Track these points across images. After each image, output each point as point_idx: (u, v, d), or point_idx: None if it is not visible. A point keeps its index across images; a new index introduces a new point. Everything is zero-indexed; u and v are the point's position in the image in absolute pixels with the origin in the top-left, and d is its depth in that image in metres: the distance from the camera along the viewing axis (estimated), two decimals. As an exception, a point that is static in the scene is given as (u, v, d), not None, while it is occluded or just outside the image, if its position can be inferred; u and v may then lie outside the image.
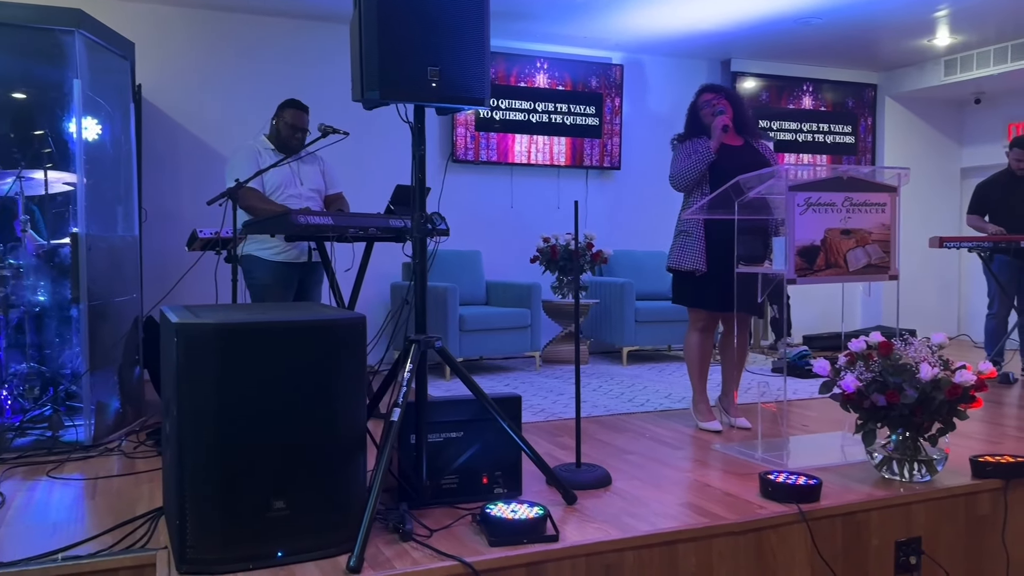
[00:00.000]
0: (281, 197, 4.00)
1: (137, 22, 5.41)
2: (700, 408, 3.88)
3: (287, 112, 4.13)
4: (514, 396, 2.79)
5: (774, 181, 3.21)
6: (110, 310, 3.84)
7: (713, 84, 3.98)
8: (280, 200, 4.01)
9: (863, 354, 2.94)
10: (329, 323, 2.25)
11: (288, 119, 4.11)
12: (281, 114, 4.12)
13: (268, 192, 4.01)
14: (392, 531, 2.37)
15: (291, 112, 4.12)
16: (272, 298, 3.93)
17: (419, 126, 2.56)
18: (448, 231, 3.82)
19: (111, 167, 3.92)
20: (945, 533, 2.81)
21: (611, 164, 6.83)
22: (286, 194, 4.05)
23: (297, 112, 4.12)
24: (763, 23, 6.18)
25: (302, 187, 4.12)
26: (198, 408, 2.11)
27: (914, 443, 2.89)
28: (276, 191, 4.03)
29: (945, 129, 8.15)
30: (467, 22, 2.44)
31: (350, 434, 2.27)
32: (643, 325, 6.06)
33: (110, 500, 2.83)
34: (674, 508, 2.64)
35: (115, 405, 3.83)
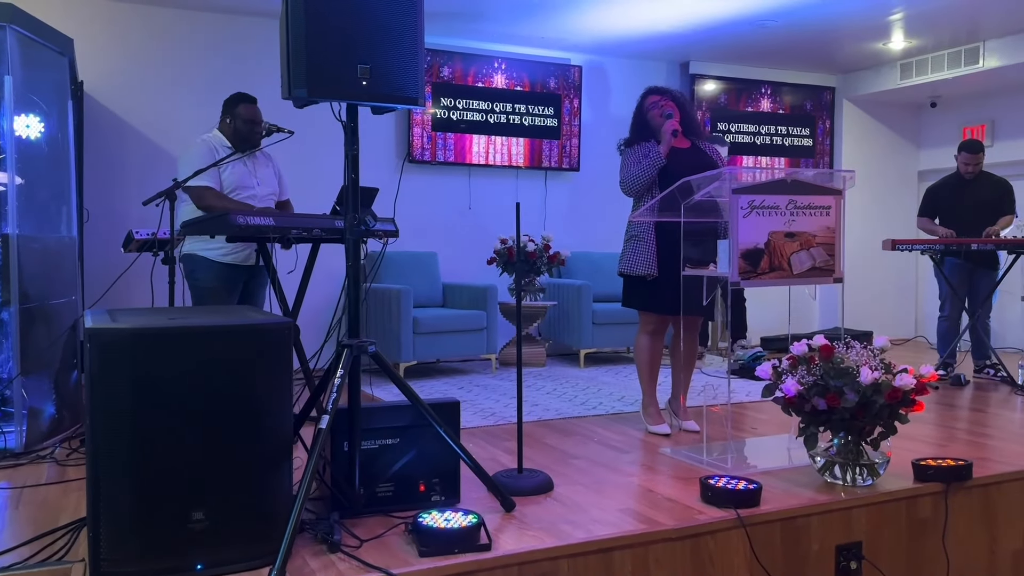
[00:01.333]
0: (240, 197, 3.87)
1: (78, 18, 5.27)
2: (649, 411, 3.85)
3: (241, 108, 3.98)
4: (452, 401, 2.74)
5: (719, 183, 3.19)
6: (46, 312, 3.73)
7: (658, 87, 3.95)
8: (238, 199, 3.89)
9: (805, 357, 2.92)
10: (252, 328, 2.18)
11: (244, 115, 3.97)
12: (234, 111, 3.97)
13: (226, 191, 3.88)
14: (320, 542, 2.31)
15: (245, 107, 3.99)
16: (215, 301, 3.80)
17: (352, 125, 2.50)
18: (397, 232, 3.75)
19: (47, 166, 3.81)
20: (886, 538, 2.80)
21: (570, 165, 6.81)
22: (245, 194, 3.93)
23: (250, 106, 4.00)
24: (720, 25, 6.19)
25: (258, 187, 4.00)
26: (112, 416, 2.04)
27: (856, 447, 2.88)
28: (234, 191, 3.89)
29: (902, 132, 8.23)
30: (400, 19, 2.38)
31: (274, 442, 2.21)
32: (601, 327, 6.04)
33: (34, 510, 2.74)
34: (613, 514, 2.60)
35: (50, 411, 3.72)
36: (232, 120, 4.00)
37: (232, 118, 4.00)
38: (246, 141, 3.97)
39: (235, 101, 4.03)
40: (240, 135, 3.96)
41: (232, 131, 3.98)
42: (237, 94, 4.04)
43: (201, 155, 3.83)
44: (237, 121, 3.98)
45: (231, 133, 3.95)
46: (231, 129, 3.96)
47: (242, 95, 4.03)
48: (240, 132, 3.96)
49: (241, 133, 3.96)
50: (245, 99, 4.02)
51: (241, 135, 3.96)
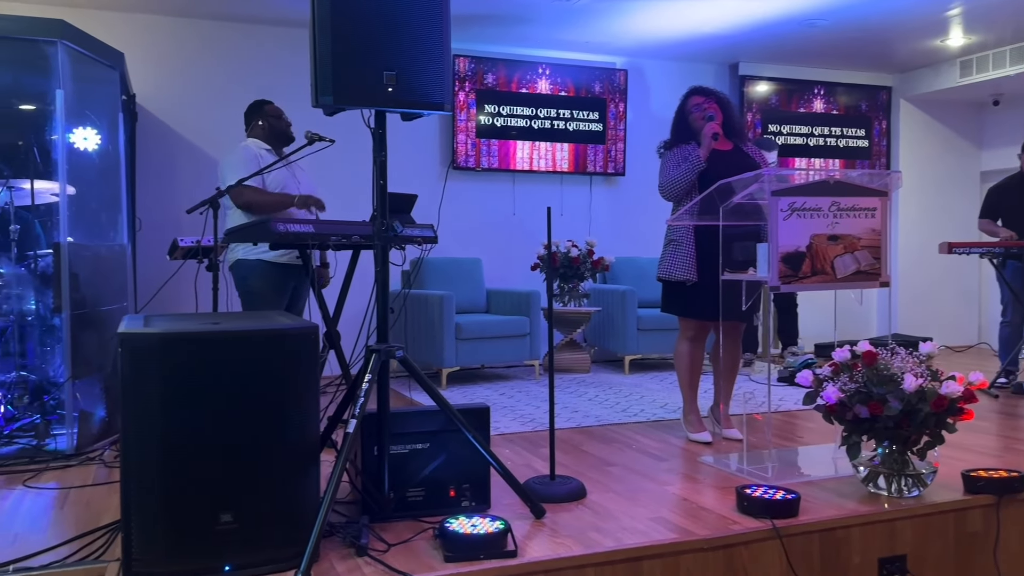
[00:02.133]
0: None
1: (130, 32, 5.44)
2: (690, 419, 3.78)
3: (267, 108, 4.14)
4: (482, 407, 2.73)
5: (758, 185, 3.12)
6: (97, 319, 3.84)
7: (701, 87, 3.89)
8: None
9: (847, 364, 2.84)
10: (279, 333, 2.21)
11: (273, 112, 4.12)
12: (262, 112, 4.11)
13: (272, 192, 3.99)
14: (348, 545, 2.32)
15: (271, 107, 4.15)
16: (265, 305, 3.89)
17: (380, 131, 2.52)
18: (436, 238, 3.77)
19: (98, 177, 3.93)
20: (933, 551, 2.69)
21: (615, 170, 6.75)
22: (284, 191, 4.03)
23: (274, 105, 4.17)
24: (768, 25, 6.08)
25: (300, 187, 4.11)
26: (143, 419, 2.08)
27: (901, 456, 2.78)
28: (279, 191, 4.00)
29: (963, 131, 7.96)
30: (425, 25, 2.39)
31: (302, 445, 2.23)
32: (646, 333, 5.97)
33: (79, 510, 2.81)
34: (644, 523, 2.56)
35: (100, 414, 3.83)
36: (264, 121, 4.11)
37: (263, 119, 4.12)
38: (284, 136, 4.10)
39: (259, 105, 4.17)
40: (277, 132, 4.10)
41: (268, 131, 4.10)
42: (257, 101, 4.19)
43: (244, 159, 3.92)
44: (270, 120, 4.11)
45: (267, 134, 4.07)
46: (266, 130, 4.08)
47: (262, 100, 4.19)
48: (276, 129, 4.10)
49: (277, 130, 4.10)
50: (265, 102, 4.18)
51: (278, 132, 4.10)
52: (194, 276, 3.74)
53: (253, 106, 4.17)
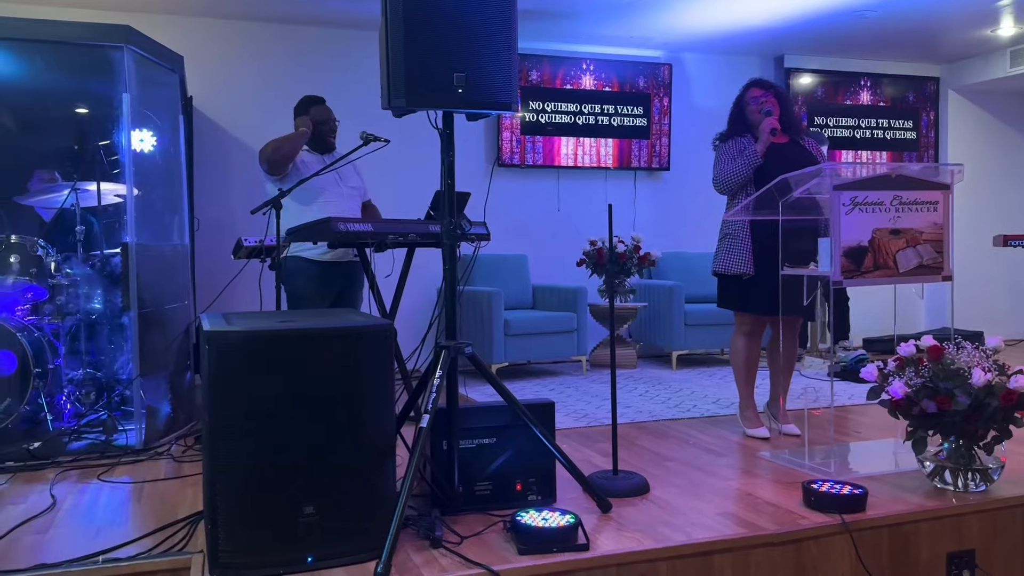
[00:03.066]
0: (321, 196, 3.98)
1: (187, 36, 5.54)
2: (747, 414, 3.78)
3: (313, 110, 4.10)
4: (547, 402, 2.77)
5: (819, 180, 3.11)
6: (161, 317, 3.94)
7: (762, 80, 3.87)
8: (323, 203, 3.98)
9: (913, 359, 2.83)
10: (356, 330, 2.26)
11: (317, 116, 4.09)
12: (307, 112, 4.09)
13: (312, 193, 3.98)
14: (422, 537, 2.37)
15: (317, 109, 4.11)
16: (307, 304, 3.92)
17: (448, 132, 2.56)
18: (489, 236, 3.81)
19: (161, 178, 4.03)
20: (1001, 546, 2.68)
21: (660, 165, 6.74)
22: (326, 192, 4.02)
23: (322, 107, 4.12)
24: (816, 17, 6.02)
25: (342, 182, 4.11)
26: (228, 414, 2.14)
27: (968, 451, 2.76)
28: (319, 193, 4.01)
29: (1014, 123, 7.81)
30: (493, 27, 2.43)
31: (378, 440, 2.28)
32: (693, 328, 5.96)
33: (155, 504, 2.90)
34: (712, 518, 2.57)
35: (166, 410, 3.93)
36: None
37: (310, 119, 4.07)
38: (323, 143, 4.09)
39: (307, 103, 4.13)
40: (316, 136, 4.06)
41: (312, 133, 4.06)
42: (306, 97, 4.15)
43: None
44: (320, 124, 4.08)
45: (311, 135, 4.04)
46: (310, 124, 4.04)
47: (313, 97, 4.14)
48: (316, 134, 4.06)
49: (318, 135, 4.07)
50: (313, 101, 4.13)
51: (317, 137, 4.07)
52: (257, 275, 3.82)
53: (301, 102, 4.15)
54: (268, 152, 3.89)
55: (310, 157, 4.05)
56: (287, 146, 3.89)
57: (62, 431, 3.71)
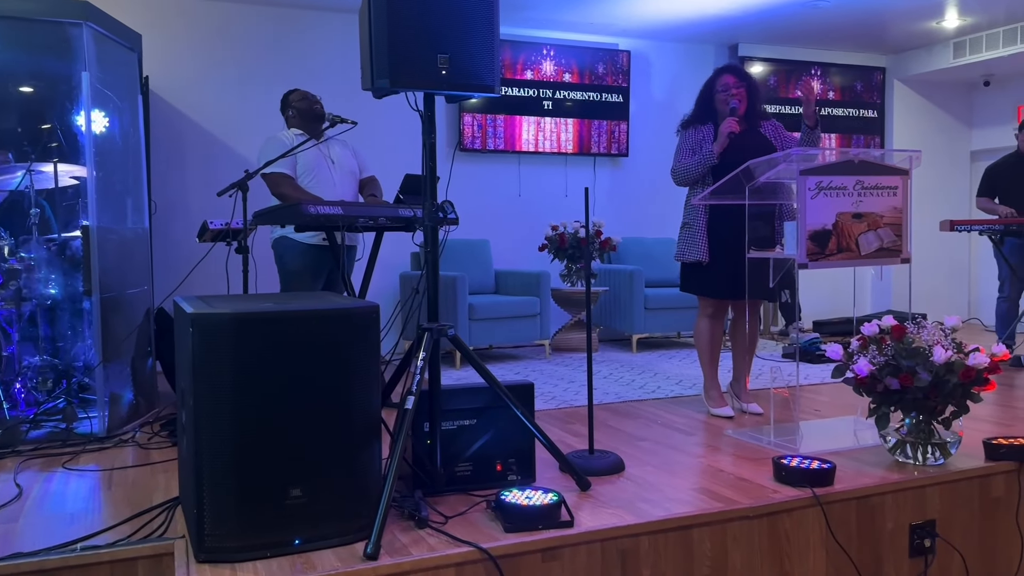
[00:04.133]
0: (313, 180, 4.00)
1: (143, 13, 5.40)
2: (711, 394, 3.88)
3: (293, 96, 4.18)
4: (527, 384, 2.80)
5: (785, 165, 3.20)
6: (122, 302, 3.86)
7: (738, 68, 3.91)
8: (312, 182, 4.01)
9: (876, 338, 2.93)
10: (343, 312, 2.26)
11: (299, 99, 4.15)
12: (289, 102, 4.17)
13: (300, 175, 4.02)
14: (408, 518, 2.38)
15: (298, 94, 4.18)
16: (300, 285, 3.94)
17: (429, 114, 2.56)
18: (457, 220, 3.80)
19: (120, 159, 3.93)
20: (959, 516, 2.81)
21: (619, 151, 6.82)
22: (318, 177, 4.05)
23: (297, 92, 4.20)
24: (771, 7, 6.14)
25: (334, 167, 4.12)
26: (215, 397, 2.12)
27: (928, 426, 2.88)
28: (308, 174, 4.03)
29: (955, 111, 8.10)
30: (476, 9, 2.43)
31: (365, 422, 2.28)
32: (653, 312, 6.06)
33: (126, 490, 2.85)
34: (688, 493, 2.64)
35: (128, 397, 3.85)
36: (293, 110, 4.15)
37: (292, 109, 4.16)
38: (317, 121, 4.12)
39: (285, 97, 4.23)
40: (307, 117, 4.12)
41: (300, 117, 4.14)
42: (284, 94, 4.25)
43: (276, 149, 3.94)
44: (300, 105, 4.13)
45: (300, 121, 4.11)
46: (297, 117, 4.12)
47: (290, 90, 4.24)
48: (306, 115, 4.12)
49: (308, 115, 4.12)
50: (293, 90, 4.22)
51: (308, 117, 4.12)
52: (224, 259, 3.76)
53: (282, 100, 4.24)
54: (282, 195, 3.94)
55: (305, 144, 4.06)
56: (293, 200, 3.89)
57: (19, 419, 3.61)
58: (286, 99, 4.20)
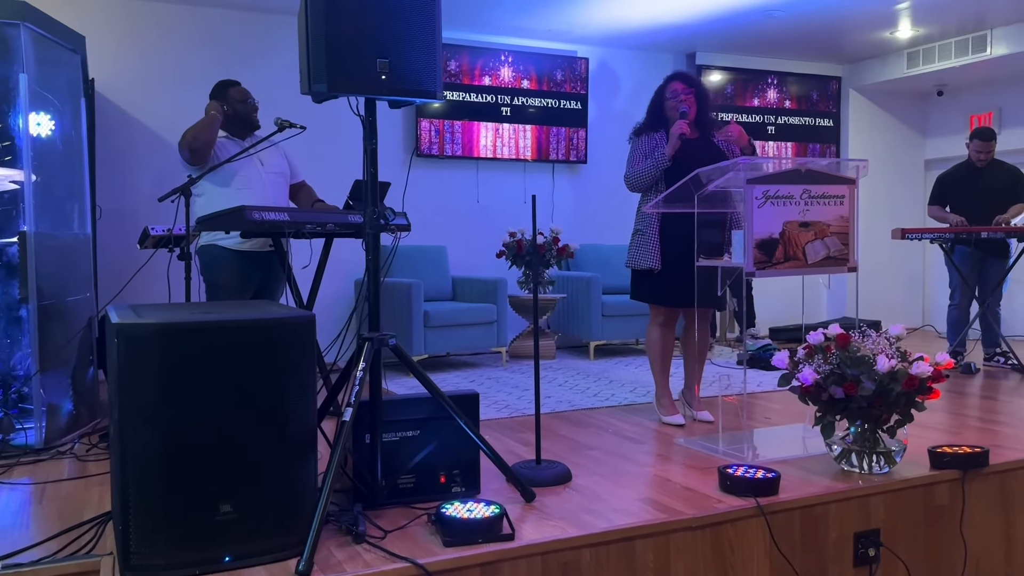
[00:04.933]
0: (242, 181, 3.84)
1: (89, 15, 5.28)
2: (663, 402, 3.87)
3: (232, 91, 3.98)
4: (472, 393, 2.76)
5: (733, 174, 3.20)
6: (62, 309, 3.75)
7: (686, 74, 3.94)
8: (241, 184, 3.85)
9: (821, 346, 2.94)
10: (276, 322, 2.20)
11: (237, 96, 3.97)
12: (226, 95, 3.96)
13: (228, 176, 3.84)
14: (345, 533, 2.33)
15: (235, 90, 3.99)
16: (228, 295, 3.80)
17: (370, 119, 2.51)
18: (409, 226, 3.77)
19: (61, 163, 3.82)
20: (904, 525, 2.82)
21: (577, 158, 6.81)
22: (247, 178, 3.88)
23: (239, 88, 4.00)
24: (727, 16, 6.18)
25: (263, 168, 3.97)
26: (140, 410, 2.05)
27: (873, 435, 2.89)
28: (237, 175, 3.86)
29: (909, 121, 8.22)
30: (417, 13, 2.39)
31: (299, 435, 2.23)
32: (610, 319, 6.05)
33: (58, 505, 2.76)
34: (633, 504, 2.62)
35: (68, 407, 3.74)
36: (228, 105, 3.96)
37: (227, 103, 3.96)
38: (248, 122, 3.98)
39: (223, 87, 4.00)
40: (240, 117, 3.96)
41: (231, 116, 3.95)
42: (221, 81, 4.02)
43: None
44: (235, 104, 3.96)
45: (229, 120, 3.94)
46: (229, 115, 3.94)
47: (227, 80, 4.02)
48: (240, 114, 3.95)
49: (241, 115, 3.96)
50: (231, 84, 4.01)
51: (241, 117, 3.96)
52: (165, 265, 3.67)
53: (217, 87, 4.01)
54: (188, 140, 3.73)
55: (228, 143, 3.91)
56: (206, 132, 3.75)
57: (-49, 431, 3.49)
58: (224, 91, 3.98)
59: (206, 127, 3.76)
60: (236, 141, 3.94)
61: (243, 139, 3.97)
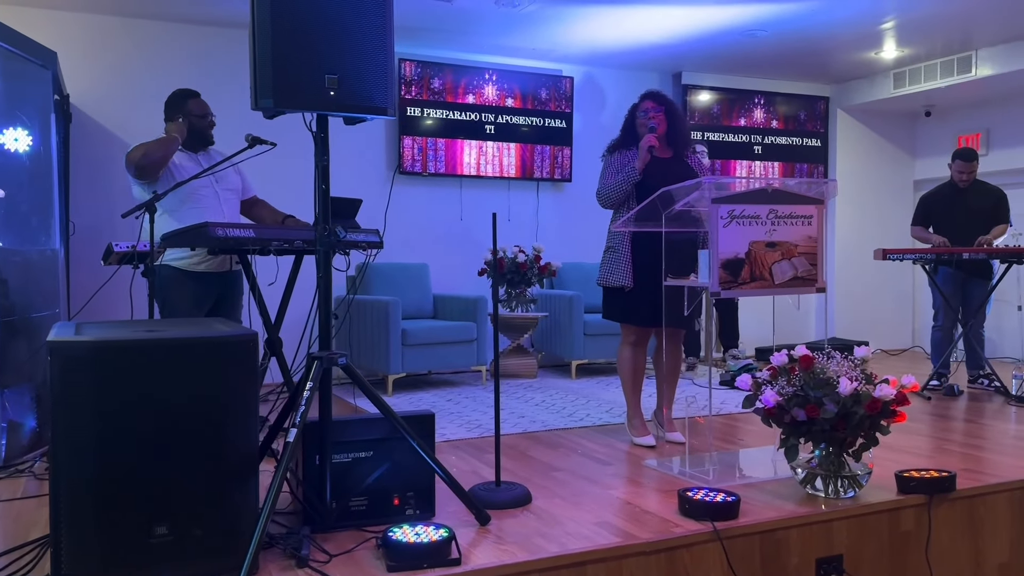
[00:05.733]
0: (196, 202, 3.75)
1: (63, 31, 5.28)
2: (634, 423, 3.82)
3: (191, 103, 3.86)
4: (427, 414, 2.71)
5: (699, 193, 3.17)
6: (28, 325, 3.71)
7: (657, 93, 3.92)
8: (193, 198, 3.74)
9: (785, 368, 2.90)
10: (217, 340, 2.16)
11: (196, 110, 3.86)
12: (185, 108, 3.85)
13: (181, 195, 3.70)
14: (288, 557, 2.28)
15: (195, 102, 3.87)
16: (180, 313, 3.70)
17: (322, 135, 2.49)
18: (381, 243, 3.72)
19: (28, 179, 3.80)
20: (868, 550, 2.76)
21: (561, 176, 6.79)
22: (198, 193, 3.77)
23: (199, 100, 3.89)
24: (711, 35, 6.18)
25: (217, 185, 3.88)
26: (74, 429, 2.01)
27: (837, 458, 2.84)
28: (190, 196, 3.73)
29: (897, 141, 8.21)
30: (368, 28, 2.37)
31: (239, 455, 2.18)
32: (593, 338, 6.01)
33: (6, 524, 2.71)
34: (589, 527, 2.57)
35: (31, 424, 3.70)
36: (184, 118, 3.84)
37: (184, 116, 3.84)
38: (203, 138, 3.89)
39: (182, 97, 3.88)
40: (195, 131, 3.85)
41: (188, 129, 3.83)
42: (181, 91, 3.91)
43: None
44: (191, 118, 3.84)
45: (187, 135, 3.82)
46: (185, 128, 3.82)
47: (187, 91, 3.91)
48: (195, 128, 3.84)
49: (196, 129, 3.85)
50: (190, 94, 3.90)
51: (196, 131, 3.85)
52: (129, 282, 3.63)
53: (175, 97, 3.89)
54: (136, 157, 3.63)
55: (182, 156, 3.80)
56: (159, 152, 3.65)
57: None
58: (183, 102, 3.86)
59: (161, 147, 3.66)
60: (189, 155, 3.85)
61: (195, 152, 3.88)
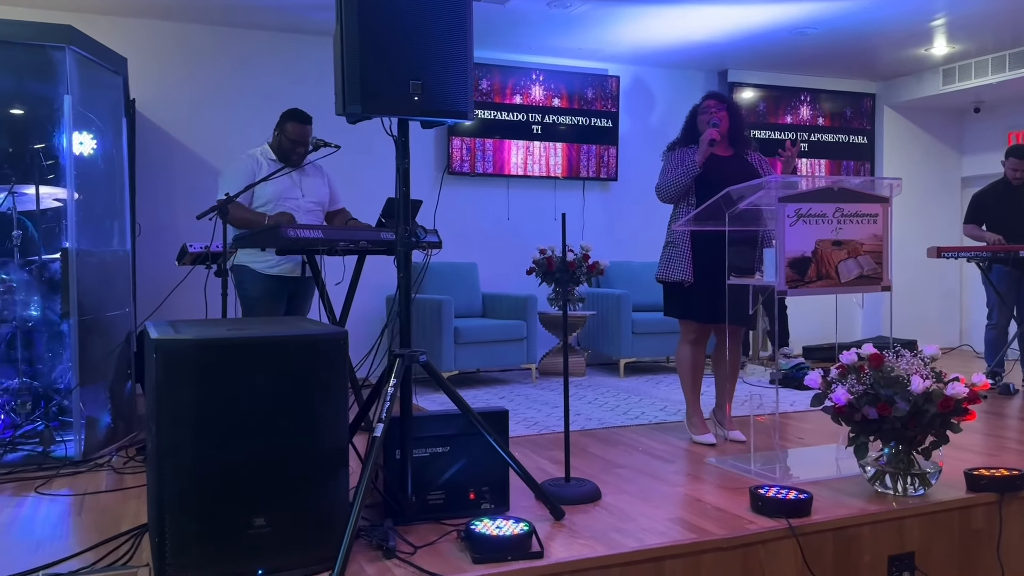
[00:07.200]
0: (279, 207, 3.97)
1: (131, 37, 5.42)
2: (694, 421, 3.85)
3: (289, 126, 4.05)
4: (501, 410, 2.77)
5: (764, 192, 3.19)
6: (101, 324, 3.84)
7: (718, 93, 4.00)
8: (275, 209, 3.98)
9: (854, 366, 2.91)
10: (310, 338, 2.24)
11: (290, 133, 4.04)
12: (283, 127, 4.07)
13: (265, 201, 3.97)
14: (375, 548, 2.35)
15: (292, 126, 4.05)
16: (261, 311, 3.90)
17: (403, 139, 2.55)
18: (440, 243, 3.80)
19: (103, 182, 3.93)
20: (939, 548, 2.77)
21: (608, 175, 6.83)
22: (285, 205, 4.01)
23: (299, 126, 4.05)
24: (759, 34, 6.18)
25: (303, 199, 4.08)
26: (177, 424, 2.10)
27: (907, 456, 2.85)
28: (274, 200, 3.99)
29: (945, 138, 8.12)
30: (450, 35, 2.44)
31: (331, 450, 2.26)
32: (640, 337, 6.03)
33: (96, 516, 2.82)
34: (663, 523, 2.61)
35: (106, 420, 3.82)
36: (279, 135, 4.10)
37: (280, 133, 4.10)
38: (286, 158, 4.06)
39: (287, 117, 4.10)
40: (282, 151, 4.06)
41: (277, 147, 4.08)
42: (291, 111, 4.10)
43: (241, 171, 3.94)
44: (282, 138, 4.07)
45: (280, 152, 4.05)
46: (279, 148, 4.07)
47: (295, 112, 4.09)
48: (282, 148, 4.06)
49: (283, 149, 4.06)
50: (295, 117, 4.07)
51: (282, 151, 4.06)
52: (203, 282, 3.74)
53: (285, 114, 4.10)
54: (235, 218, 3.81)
55: (274, 166, 4.02)
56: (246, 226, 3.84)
57: (-4, 442, 3.58)
58: (284, 121, 4.08)
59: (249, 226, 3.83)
60: (278, 166, 4.05)
61: (291, 164, 4.09)
